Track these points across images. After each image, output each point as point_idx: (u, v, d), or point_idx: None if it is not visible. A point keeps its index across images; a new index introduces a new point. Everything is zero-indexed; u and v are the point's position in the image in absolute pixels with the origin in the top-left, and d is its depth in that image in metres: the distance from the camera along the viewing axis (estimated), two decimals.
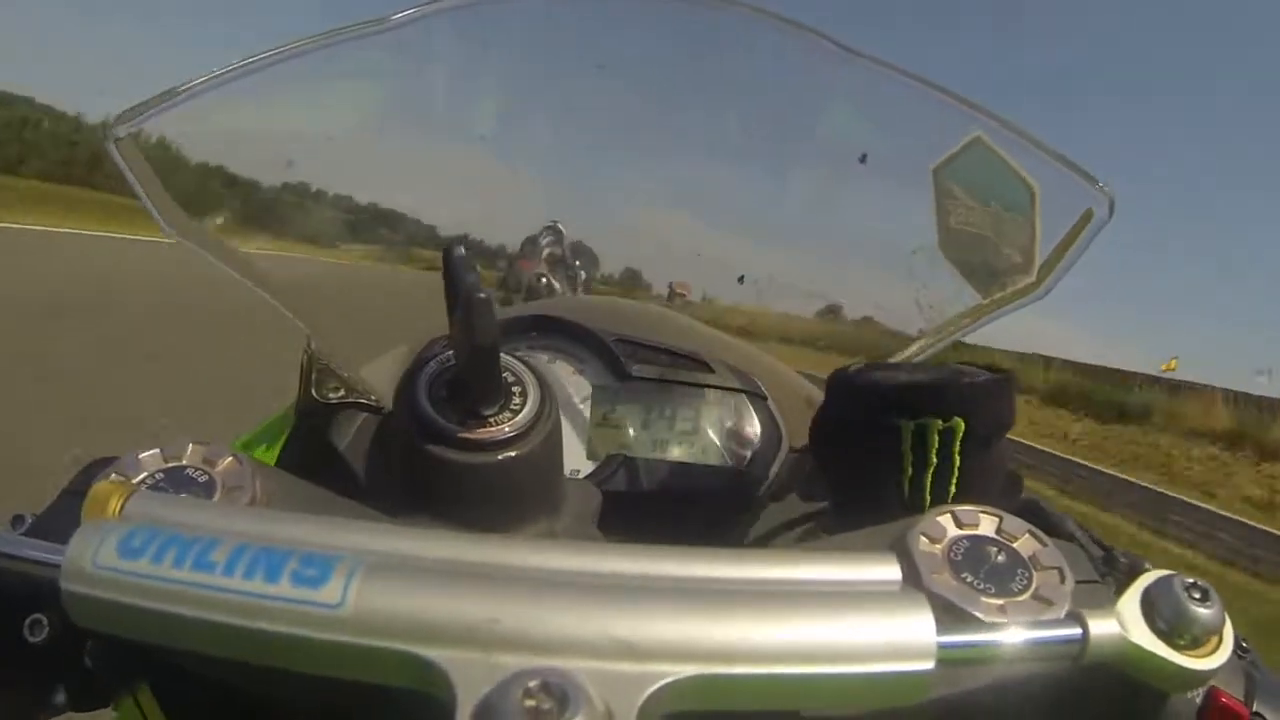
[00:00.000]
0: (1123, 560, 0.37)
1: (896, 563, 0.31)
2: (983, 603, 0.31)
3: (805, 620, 0.26)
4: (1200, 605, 0.30)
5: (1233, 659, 0.31)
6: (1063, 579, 0.32)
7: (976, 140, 0.64)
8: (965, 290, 0.67)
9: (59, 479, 0.38)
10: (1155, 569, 0.33)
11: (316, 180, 0.72)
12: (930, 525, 0.34)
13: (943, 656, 0.26)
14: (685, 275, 0.90)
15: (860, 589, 0.29)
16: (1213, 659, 0.30)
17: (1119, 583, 0.34)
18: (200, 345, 5.32)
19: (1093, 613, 0.30)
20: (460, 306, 0.36)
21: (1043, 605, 0.31)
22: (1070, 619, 0.30)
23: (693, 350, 0.67)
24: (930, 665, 0.26)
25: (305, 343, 0.62)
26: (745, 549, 0.31)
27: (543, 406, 0.41)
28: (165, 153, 0.57)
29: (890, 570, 0.30)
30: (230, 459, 0.37)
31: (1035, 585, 0.32)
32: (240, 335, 3.70)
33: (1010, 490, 0.47)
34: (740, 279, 0.81)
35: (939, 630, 0.26)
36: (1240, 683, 0.33)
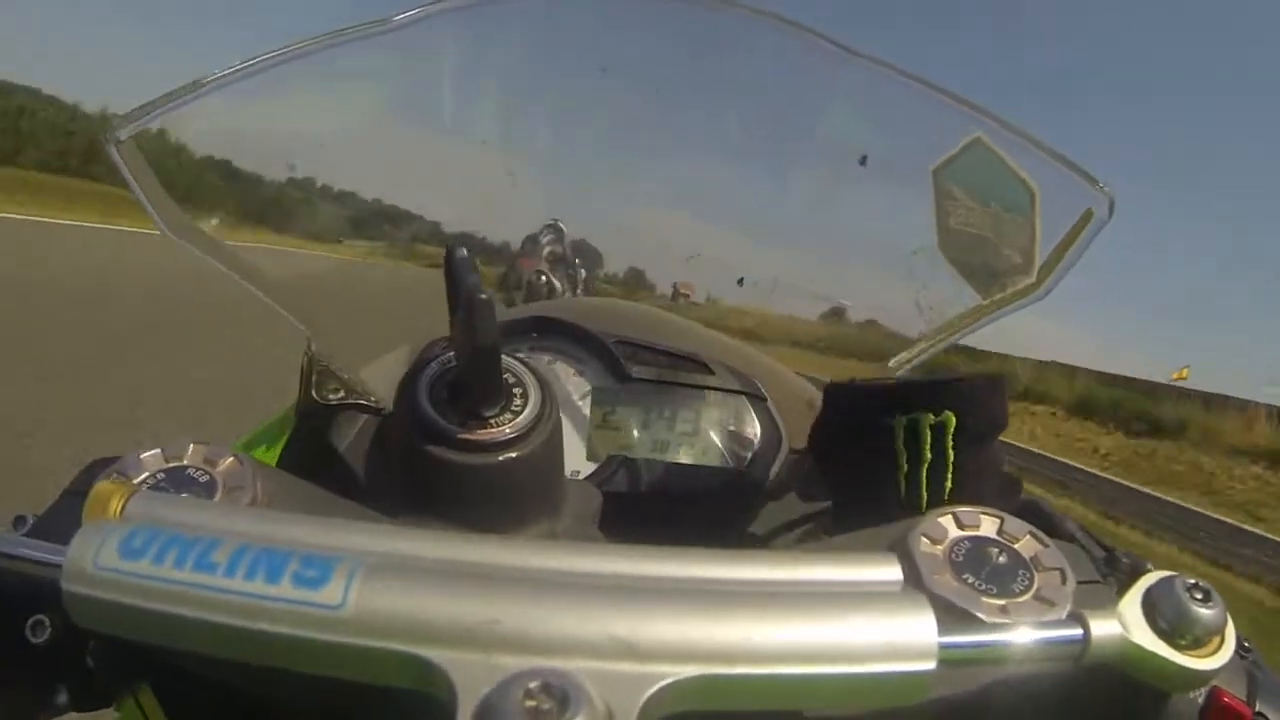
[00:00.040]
0: (1124, 561, 0.37)
1: (897, 563, 0.31)
2: (984, 603, 0.31)
3: (806, 620, 0.26)
4: (1202, 605, 0.30)
5: (1235, 659, 0.31)
6: (1064, 580, 0.32)
7: (976, 141, 0.64)
8: (965, 291, 0.67)
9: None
10: (1156, 569, 0.33)
11: (318, 180, 0.72)
12: (931, 526, 0.34)
13: (944, 657, 0.26)
14: (686, 276, 0.90)
15: (861, 589, 0.29)
16: (1215, 659, 0.30)
17: (1120, 583, 0.34)
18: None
19: (1094, 613, 0.30)
20: (462, 308, 0.36)
21: (1044, 606, 0.31)
22: (1072, 619, 0.30)
23: (692, 352, 0.67)
24: (931, 666, 0.26)
25: (305, 344, 0.62)
26: (746, 550, 0.31)
27: (543, 408, 0.41)
28: (166, 153, 0.57)
29: (891, 571, 0.30)
30: (231, 459, 0.37)
31: (1037, 586, 0.32)
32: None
33: (1009, 491, 0.47)
34: (740, 281, 0.81)
35: (940, 631, 0.26)
36: (1242, 682, 0.33)
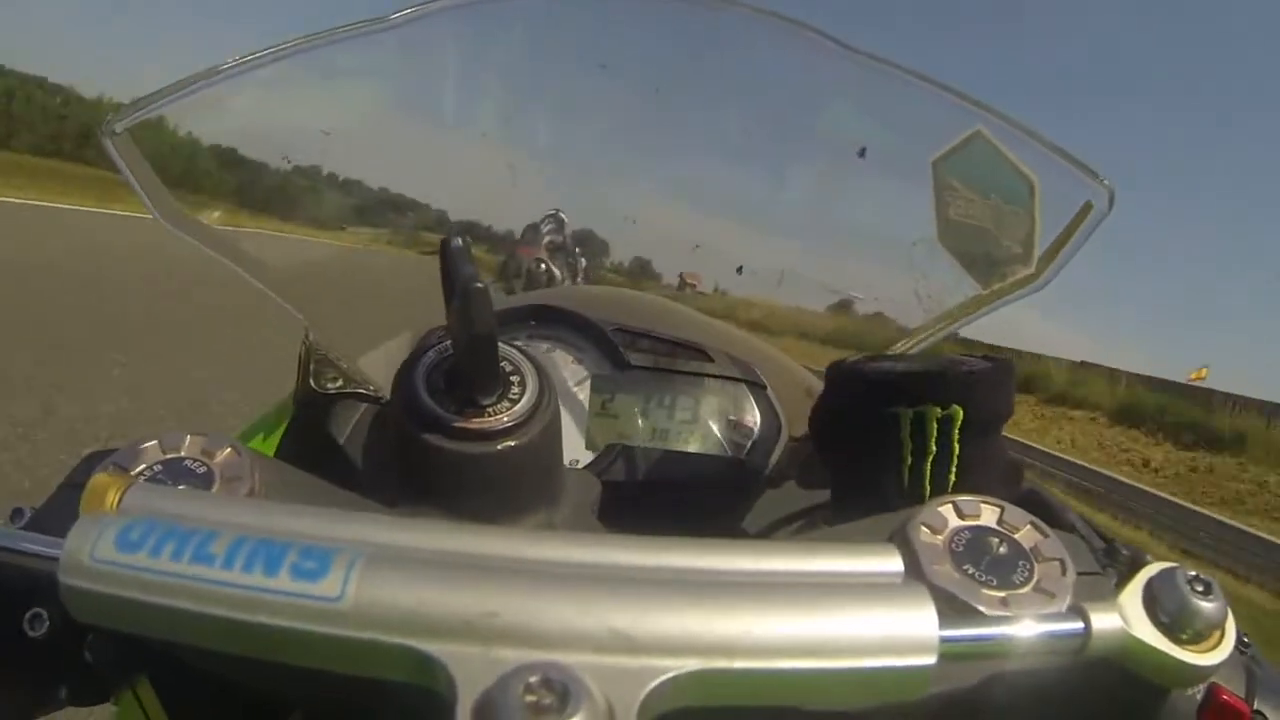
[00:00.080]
0: (1124, 552, 0.36)
1: (899, 555, 0.30)
2: (984, 595, 0.31)
3: (809, 614, 0.25)
4: (1203, 599, 0.30)
5: (1234, 655, 0.31)
6: (1064, 571, 0.32)
7: (976, 134, 0.64)
8: (965, 281, 0.67)
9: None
10: (1157, 561, 0.33)
11: (316, 170, 0.72)
12: (931, 515, 0.34)
13: (944, 651, 0.26)
14: (688, 266, 0.90)
15: (862, 581, 0.29)
16: (1215, 654, 0.30)
17: (1120, 575, 0.34)
18: None
19: (1095, 606, 0.30)
20: (457, 296, 0.36)
21: (1045, 598, 0.31)
22: (1072, 612, 0.30)
23: (692, 339, 0.66)
24: (932, 660, 0.26)
25: (303, 334, 0.61)
26: (746, 540, 0.31)
27: (541, 396, 0.41)
28: (162, 144, 0.57)
29: (892, 562, 0.30)
30: (229, 450, 0.37)
31: (1037, 577, 0.32)
32: None
33: (1011, 481, 0.46)
34: (739, 270, 0.81)
35: (941, 624, 0.26)
36: (1241, 679, 0.33)
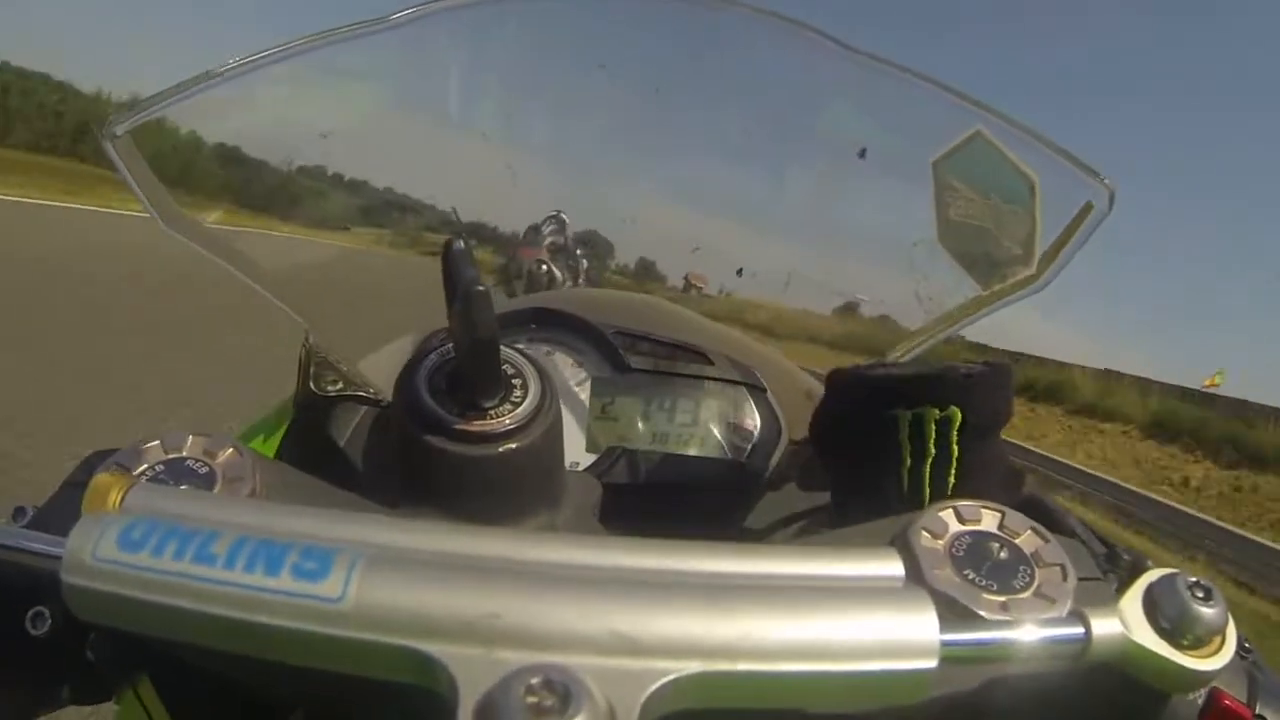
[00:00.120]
0: (1125, 557, 0.36)
1: (899, 559, 0.30)
2: (985, 599, 0.31)
3: (810, 617, 0.26)
4: (1204, 604, 0.30)
5: (1235, 660, 0.31)
6: (1065, 576, 0.32)
7: (976, 134, 0.64)
8: (965, 282, 0.67)
9: None
10: (1158, 567, 0.33)
11: (314, 173, 0.72)
12: (932, 520, 0.34)
13: (945, 655, 0.26)
14: (691, 268, 0.90)
15: (863, 585, 0.29)
16: (1215, 659, 0.30)
17: (1121, 580, 0.34)
18: None
19: (1095, 611, 0.30)
20: (459, 300, 0.36)
21: (1045, 603, 0.31)
22: (1073, 617, 0.30)
23: (692, 342, 0.66)
24: (933, 664, 0.26)
25: (303, 336, 0.61)
26: (748, 544, 0.31)
27: (543, 399, 0.41)
28: (162, 146, 0.57)
29: (893, 566, 0.30)
30: (230, 450, 0.37)
31: (1037, 582, 0.32)
32: None
33: (1011, 486, 0.46)
34: (739, 272, 0.81)
35: (942, 628, 0.26)
36: (1243, 684, 0.33)
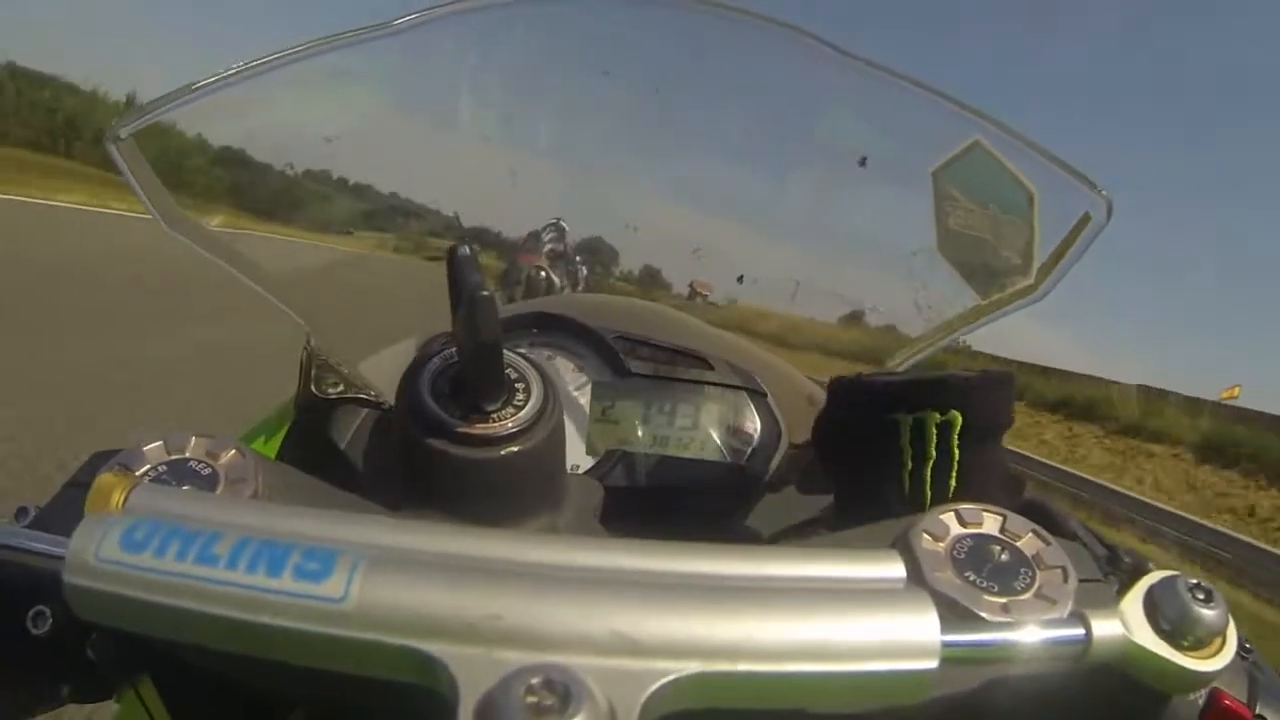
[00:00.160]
0: (1126, 559, 0.36)
1: (900, 561, 0.30)
2: (986, 601, 0.31)
3: (810, 618, 0.26)
4: (1204, 606, 0.30)
5: (1235, 660, 0.31)
6: (1066, 578, 0.32)
7: (975, 144, 0.65)
8: (964, 291, 0.68)
9: None
10: (1159, 569, 0.33)
11: (319, 176, 0.72)
12: (933, 523, 0.34)
13: (946, 656, 0.26)
14: (695, 275, 0.90)
15: (864, 586, 0.29)
16: (1216, 660, 0.30)
17: (1122, 582, 0.34)
18: None
19: (1096, 612, 0.30)
20: (464, 304, 0.36)
21: (1046, 604, 0.31)
22: (1073, 619, 0.30)
23: (692, 347, 0.67)
24: (934, 664, 0.26)
25: (305, 339, 0.61)
26: (748, 545, 0.31)
27: (546, 402, 0.41)
28: (165, 150, 0.57)
29: (894, 568, 0.30)
30: (233, 452, 0.37)
31: (1038, 584, 0.32)
32: None
33: (1012, 490, 0.47)
34: (739, 279, 0.81)
35: (943, 629, 0.26)
36: (1243, 684, 0.33)
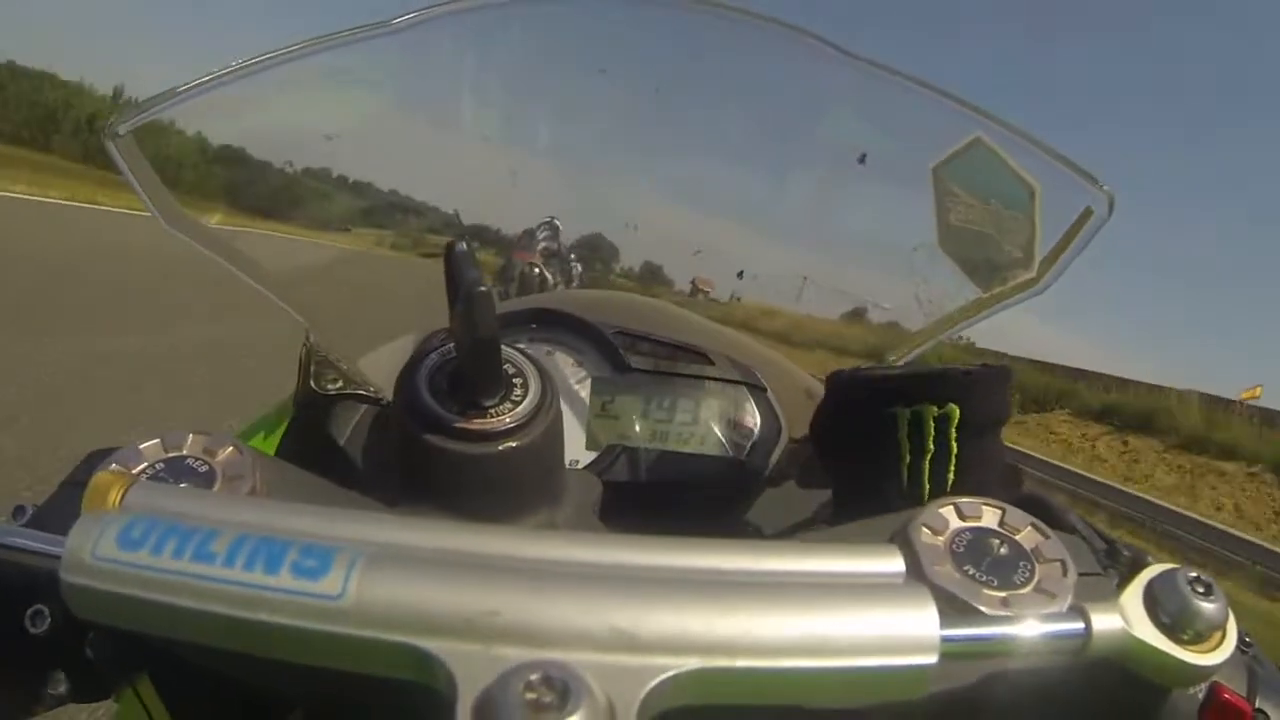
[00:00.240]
0: (1125, 553, 0.36)
1: (899, 555, 0.30)
2: (985, 595, 0.31)
3: (809, 614, 0.25)
4: (1204, 600, 0.30)
5: (1235, 654, 0.31)
6: (1065, 572, 0.32)
7: (976, 140, 0.65)
8: (965, 286, 0.68)
9: None
10: (1158, 562, 0.33)
11: (316, 175, 0.72)
12: (932, 517, 0.34)
13: (946, 650, 0.26)
14: (696, 272, 0.90)
15: (864, 581, 0.29)
16: (1216, 654, 0.30)
17: (1122, 576, 0.34)
18: None
19: (1095, 606, 0.30)
20: (462, 300, 0.36)
21: (1045, 598, 0.31)
22: (1073, 612, 0.30)
23: (692, 342, 0.67)
24: (933, 659, 0.26)
25: (304, 335, 0.61)
26: (747, 540, 0.31)
27: (544, 398, 0.41)
28: (164, 147, 0.57)
29: (893, 562, 0.30)
30: (230, 449, 0.37)
31: (1038, 578, 0.32)
32: None
33: (1010, 483, 0.47)
34: (739, 274, 0.82)
35: (942, 624, 0.26)
36: (1243, 678, 0.33)
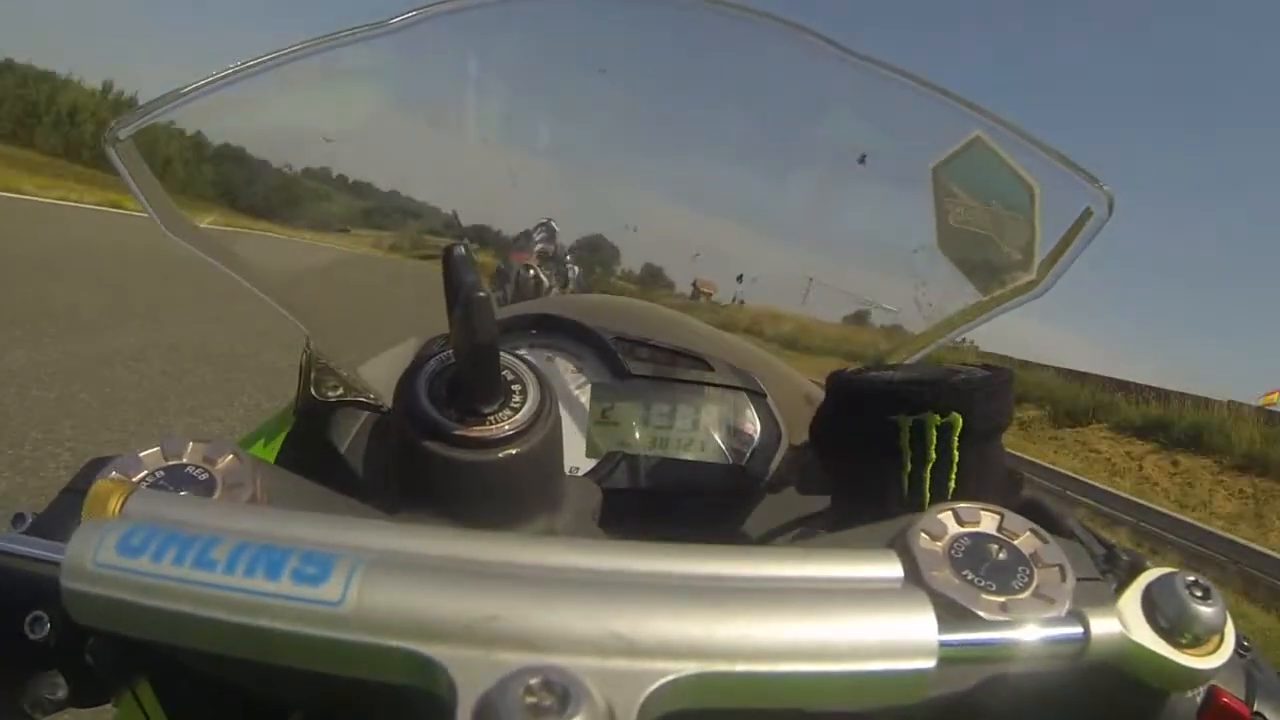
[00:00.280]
0: (1124, 558, 0.36)
1: (898, 560, 0.30)
2: (983, 600, 0.31)
3: (808, 618, 0.26)
4: (1202, 604, 0.30)
5: (1233, 658, 0.31)
6: (1064, 577, 0.32)
7: (976, 140, 0.65)
8: (965, 287, 0.67)
9: None
10: (1157, 567, 0.33)
11: (316, 176, 0.72)
12: (931, 522, 0.34)
13: (944, 655, 0.26)
14: (692, 273, 0.90)
15: (862, 586, 0.29)
16: (1214, 658, 0.30)
17: (1120, 580, 0.34)
18: None
19: (1094, 611, 0.30)
20: (460, 306, 0.36)
21: (1044, 603, 0.31)
22: (1071, 617, 0.30)
23: (692, 348, 0.67)
24: (932, 664, 0.26)
25: (304, 342, 0.62)
26: (747, 546, 0.31)
27: (543, 404, 0.41)
28: (162, 148, 0.57)
29: (892, 568, 0.30)
30: (230, 456, 0.37)
31: (1036, 583, 0.32)
32: None
33: (1011, 489, 0.47)
34: (739, 278, 0.81)
35: (940, 629, 0.26)
36: (1241, 682, 0.33)
